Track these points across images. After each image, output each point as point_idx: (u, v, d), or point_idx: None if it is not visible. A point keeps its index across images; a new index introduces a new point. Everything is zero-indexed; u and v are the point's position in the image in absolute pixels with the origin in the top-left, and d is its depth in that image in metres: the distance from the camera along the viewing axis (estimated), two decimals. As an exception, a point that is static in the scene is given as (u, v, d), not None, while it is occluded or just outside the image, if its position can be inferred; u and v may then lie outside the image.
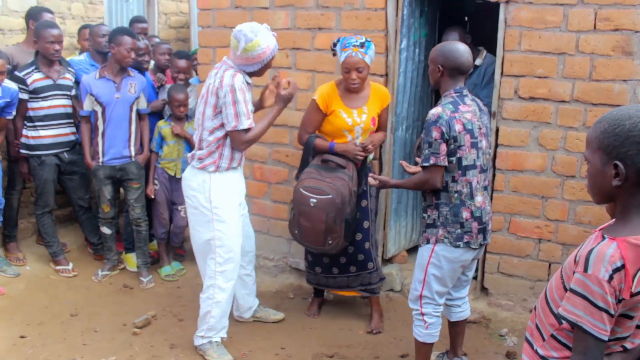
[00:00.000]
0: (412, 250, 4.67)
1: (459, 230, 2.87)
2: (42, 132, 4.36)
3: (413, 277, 3.08)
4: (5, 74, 3.96)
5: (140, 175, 4.46)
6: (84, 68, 4.65)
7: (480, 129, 2.89)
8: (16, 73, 4.23)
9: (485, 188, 2.98)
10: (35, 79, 4.25)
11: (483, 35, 4.55)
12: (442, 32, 4.57)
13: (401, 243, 4.48)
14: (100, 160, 4.31)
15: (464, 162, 2.83)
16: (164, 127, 4.45)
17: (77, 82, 4.51)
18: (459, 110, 2.81)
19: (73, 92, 4.50)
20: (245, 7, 4.30)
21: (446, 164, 2.80)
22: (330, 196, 3.45)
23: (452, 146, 2.79)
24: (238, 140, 3.30)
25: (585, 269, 1.49)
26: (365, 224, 3.74)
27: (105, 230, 4.55)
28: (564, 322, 1.56)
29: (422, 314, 3.05)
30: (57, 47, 4.25)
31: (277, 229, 4.49)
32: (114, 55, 4.19)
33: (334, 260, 3.80)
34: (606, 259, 1.47)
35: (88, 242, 4.95)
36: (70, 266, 4.62)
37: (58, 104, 4.40)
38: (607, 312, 1.47)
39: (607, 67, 3.43)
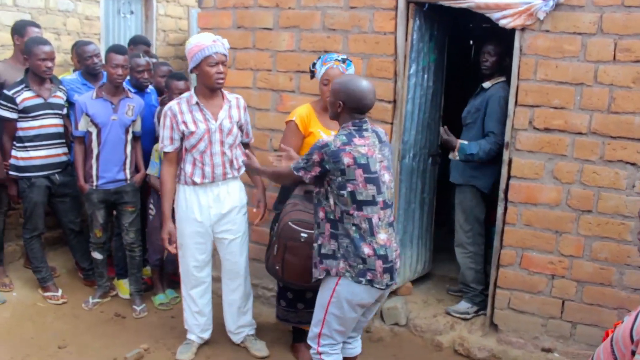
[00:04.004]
0: (417, 281, 4.51)
1: (361, 266, 2.73)
2: (33, 153, 4.16)
3: (313, 316, 2.98)
4: None
5: (136, 198, 4.28)
6: (75, 87, 4.48)
7: (381, 162, 2.78)
8: (5, 92, 4.05)
9: (390, 224, 2.82)
10: (25, 97, 4.06)
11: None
12: (450, 57, 4.45)
13: (406, 274, 4.31)
14: (94, 183, 4.12)
15: (359, 197, 2.71)
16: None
17: (69, 102, 4.33)
18: (352, 144, 2.71)
19: (64, 111, 4.32)
20: (248, 28, 4.15)
21: (307, 181, 2.81)
22: None
23: (339, 179, 2.70)
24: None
25: None
26: None
27: (97, 255, 4.35)
28: None
29: (319, 353, 2.95)
30: (49, 64, 4.07)
31: (276, 257, 4.31)
32: (106, 73, 4.05)
33: (298, 295, 3.59)
34: None
35: (79, 266, 4.76)
36: (59, 292, 4.42)
37: (49, 123, 4.21)
38: None
39: (626, 99, 3.30)
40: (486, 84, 4.04)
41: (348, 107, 2.77)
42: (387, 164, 2.84)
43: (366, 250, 2.72)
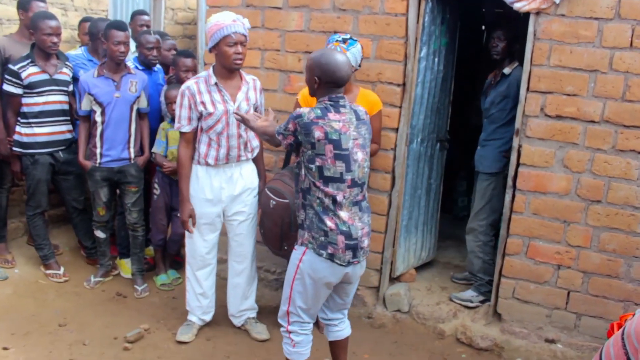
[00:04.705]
0: (421, 268, 4.46)
1: (323, 238, 2.72)
2: (37, 130, 4.12)
3: (282, 293, 2.95)
4: None
5: (139, 178, 4.23)
6: (80, 63, 4.42)
7: (355, 139, 2.73)
8: (10, 66, 3.99)
9: (355, 203, 2.77)
10: (30, 73, 4.01)
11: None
12: (461, 41, 4.37)
13: (410, 261, 4.26)
14: (98, 161, 4.08)
15: (326, 173, 2.68)
16: (170, 129, 4.19)
17: (75, 78, 4.27)
18: (326, 118, 2.67)
19: (70, 88, 4.27)
20: (257, 6, 4.08)
21: (284, 147, 2.83)
22: (287, 201, 3.32)
23: (309, 152, 2.69)
24: (179, 140, 3.52)
25: None
26: None
27: (99, 234, 4.32)
28: None
29: (289, 332, 2.94)
30: (54, 39, 4.00)
31: (280, 240, 4.27)
32: (107, 51, 3.97)
33: None
34: None
35: (81, 245, 4.73)
36: (62, 270, 4.40)
37: (54, 100, 4.15)
38: None
39: (642, 88, 3.22)
40: (506, 70, 3.94)
41: (324, 82, 2.72)
42: (363, 142, 2.79)
43: (328, 223, 2.71)
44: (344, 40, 3.38)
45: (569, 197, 3.48)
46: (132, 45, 4.72)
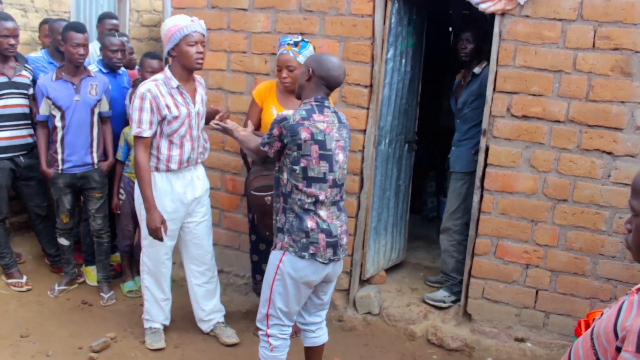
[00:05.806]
0: (391, 269, 4.45)
1: (305, 240, 2.70)
2: (-4, 134, 4.00)
3: (261, 296, 2.91)
4: None
5: (103, 184, 4.13)
6: (40, 66, 4.30)
7: (337, 141, 2.75)
8: (-34, 69, 3.87)
9: (334, 203, 2.78)
10: (-12, 75, 3.90)
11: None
12: (428, 42, 4.38)
13: (380, 263, 4.25)
14: (60, 167, 3.97)
15: (310, 173, 2.68)
16: (130, 133, 4.11)
17: (35, 81, 4.16)
18: (311, 119, 2.67)
19: (30, 91, 4.15)
20: (222, 8, 4.02)
21: (272, 156, 2.78)
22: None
23: (295, 154, 2.67)
24: (135, 145, 3.35)
25: (638, 349, 1.23)
26: None
27: (63, 241, 4.20)
28: None
29: (268, 335, 2.88)
30: (11, 41, 3.89)
31: (248, 244, 4.21)
32: (65, 53, 3.87)
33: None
34: None
35: (45, 252, 4.60)
36: (24, 279, 4.26)
37: (13, 103, 4.03)
38: None
39: (604, 88, 3.26)
40: (476, 70, 3.94)
41: (317, 76, 2.71)
42: (344, 144, 2.80)
43: (309, 223, 2.69)
44: (296, 44, 3.34)
45: (535, 196, 3.51)
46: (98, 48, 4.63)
